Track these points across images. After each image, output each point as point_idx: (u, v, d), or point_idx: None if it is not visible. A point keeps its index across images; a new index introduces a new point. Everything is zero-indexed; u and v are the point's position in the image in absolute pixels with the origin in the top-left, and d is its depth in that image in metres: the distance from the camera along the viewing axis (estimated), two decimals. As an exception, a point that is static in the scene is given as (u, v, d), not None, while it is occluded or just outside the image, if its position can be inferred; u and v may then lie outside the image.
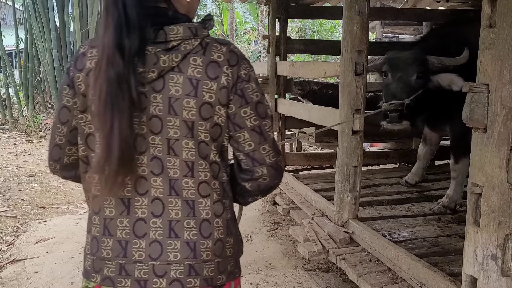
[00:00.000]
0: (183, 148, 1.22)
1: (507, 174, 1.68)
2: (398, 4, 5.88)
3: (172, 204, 1.23)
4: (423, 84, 3.29)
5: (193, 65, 1.20)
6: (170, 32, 1.17)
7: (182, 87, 1.19)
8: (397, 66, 3.36)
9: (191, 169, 1.23)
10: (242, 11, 20.04)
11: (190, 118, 1.21)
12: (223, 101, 1.22)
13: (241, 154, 1.31)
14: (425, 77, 3.30)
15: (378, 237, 2.98)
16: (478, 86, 1.75)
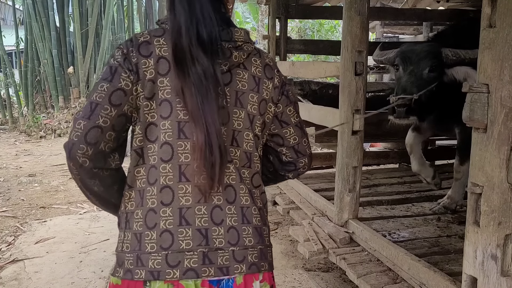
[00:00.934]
0: (244, 139, 1.32)
1: (507, 174, 1.68)
2: (398, 4, 5.88)
3: (242, 191, 1.30)
4: (436, 78, 3.17)
5: (255, 64, 1.35)
6: (235, 33, 1.29)
7: (248, 82, 1.33)
8: (409, 59, 3.24)
9: (249, 160, 1.33)
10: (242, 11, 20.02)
11: (252, 112, 1.33)
12: (275, 99, 1.39)
13: (284, 149, 1.46)
14: (439, 71, 3.18)
15: (378, 237, 2.98)
16: (478, 86, 1.75)
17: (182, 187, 1.24)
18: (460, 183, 3.56)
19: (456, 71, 3.09)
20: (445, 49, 3.15)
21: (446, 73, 3.17)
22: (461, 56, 3.11)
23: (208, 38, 1.22)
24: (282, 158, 1.48)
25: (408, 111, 3.09)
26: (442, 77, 3.17)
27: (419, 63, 3.18)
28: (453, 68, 3.11)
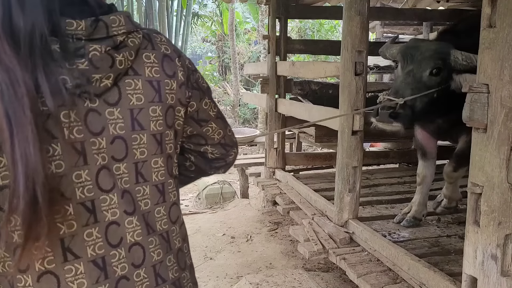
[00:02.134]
0: (153, 169, 1.00)
1: (507, 174, 1.68)
2: (398, 4, 5.88)
3: (152, 245, 1.00)
4: (440, 83, 2.74)
5: (149, 63, 0.99)
6: (112, 24, 0.90)
7: (144, 93, 0.96)
8: (411, 56, 2.84)
9: (162, 193, 1.02)
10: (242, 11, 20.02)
11: (158, 129, 0.99)
12: (183, 100, 1.06)
13: (209, 147, 1.21)
14: (444, 75, 2.75)
15: (378, 237, 2.98)
16: (478, 86, 1.75)
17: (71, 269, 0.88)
18: (455, 184, 3.44)
19: (465, 78, 2.64)
20: (455, 51, 2.71)
21: (454, 79, 2.73)
22: (474, 62, 2.57)
23: (28, 32, 0.78)
24: (208, 156, 1.22)
25: (392, 115, 2.67)
26: (449, 83, 2.75)
27: (420, 63, 2.79)
28: (461, 75, 2.68)
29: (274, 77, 4.80)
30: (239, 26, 17.35)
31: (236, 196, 5.91)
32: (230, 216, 5.09)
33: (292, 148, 6.90)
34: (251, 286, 3.32)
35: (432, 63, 2.76)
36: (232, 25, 14.09)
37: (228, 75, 16.92)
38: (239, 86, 14.18)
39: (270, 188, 4.62)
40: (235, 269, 3.70)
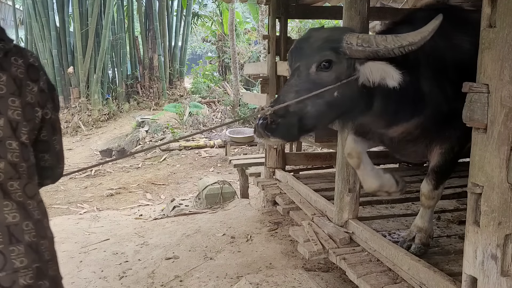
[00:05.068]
0: (8, 149, 1.20)
1: (507, 174, 1.68)
2: (398, 4, 5.88)
3: (8, 207, 1.19)
4: (336, 78, 2.17)
5: (16, 64, 1.23)
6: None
7: (6, 85, 1.20)
8: (299, 52, 2.29)
9: (17, 171, 1.23)
10: (242, 11, 20.01)
11: (15, 118, 1.21)
12: (42, 103, 1.30)
13: (48, 155, 1.42)
14: (340, 68, 2.18)
15: (378, 237, 2.98)
16: (478, 86, 1.75)
17: None
18: (432, 210, 2.84)
19: (369, 68, 2.13)
20: (351, 35, 2.18)
21: (359, 71, 2.17)
22: (373, 45, 2.09)
23: None
24: (41, 164, 1.41)
25: (267, 128, 2.10)
26: (354, 76, 2.19)
27: (307, 57, 2.22)
28: (364, 65, 2.15)
29: (274, 77, 4.80)
30: (239, 26, 17.34)
31: (236, 196, 5.91)
32: (230, 216, 5.10)
33: (292, 148, 6.90)
34: (251, 286, 3.32)
35: (318, 55, 2.18)
36: (232, 25, 14.09)
37: (228, 75, 16.91)
38: (239, 86, 14.18)
39: (270, 188, 4.62)
40: (235, 269, 3.70)
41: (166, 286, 3.48)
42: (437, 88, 2.40)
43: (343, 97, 2.18)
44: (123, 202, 6.57)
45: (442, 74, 2.40)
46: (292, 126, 2.14)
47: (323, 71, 2.17)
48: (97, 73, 13.11)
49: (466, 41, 2.45)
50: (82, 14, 12.98)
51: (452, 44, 2.47)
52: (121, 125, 12.94)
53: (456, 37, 2.49)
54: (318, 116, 2.19)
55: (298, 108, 2.12)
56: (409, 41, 2.05)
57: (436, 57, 2.39)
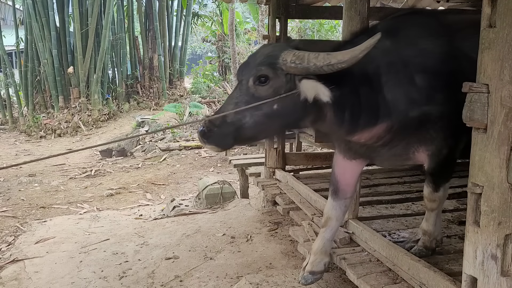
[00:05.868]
0: None
1: (507, 174, 1.68)
2: (398, 4, 5.88)
3: None
4: (274, 92, 2.27)
5: None
6: None
7: None
8: (245, 66, 2.43)
9: None
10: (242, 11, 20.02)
11: None
12: None
13: None
14: (278, 83, 2.28)
15: (378, 237, 2.98)
16: (478, 86, 1.75)
17: None
18: (438, 212, 2.83)
19: (304, 85, 2.22)
20: (288, 52, 2.27)
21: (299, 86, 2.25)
22: (304, 63, 2.19)
23: None
24: None
25: (203, 135, 2.29)
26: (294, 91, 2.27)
27: (249, 72, 2.35)
28: (301, 81, 2.23)
29: (274, 77, 4.79)
30: (239, 26, 17.34)
31: (236, 196, 5.91)
32: (230, 216, 5.10)
33: (292, 148, 6.90)
34: (251, 286, 3.32)
35: (254, 70, 2.31)
36: (232, 25, 14.09)
37: (228, 75, 16.92)
38: (239, 86, 14.15)
39: (270, 188, 4.62)
40: (235, 269, 3.70)
41: (166, 286, 3.48)
42: (400, 94, 2.41)
43: (284, 110, 2.29)
44: (123, 202, 6.57)
45: (406, 80, 2.41)
46: (225, 135, 2.29)
47: (260, 85, 2.28)
48: (97, 73, 13.11)
49: (435, 46, 2.46)
50: (82, 14, 12.98)
51: (419, 50, 2.47)
52: (121, 125, 12.95)
53: (423, 42, 2.49)
54: (256, 127, 2.31)
55: (236, 119, 2.26)
56: (338, 59, 2.13)
57: (397, 63, 2.42)
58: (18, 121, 13.92)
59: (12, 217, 5.39)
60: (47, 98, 13.65)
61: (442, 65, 2.38)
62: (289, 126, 2.51)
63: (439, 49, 2.44)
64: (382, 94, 2.39)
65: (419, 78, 2.40)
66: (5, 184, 7.09)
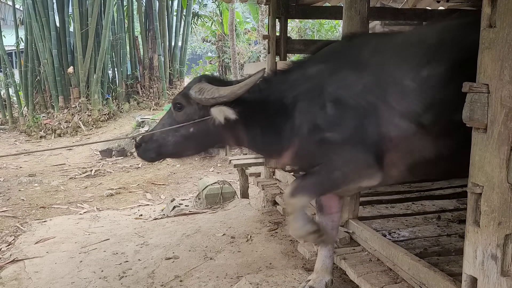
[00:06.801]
0: None
1: (507, 174, 1.68)
2: (398, 4, 5.89)
3: None
4: (188, 118, 2.65)
5: None
6: None
7: None
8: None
9: None
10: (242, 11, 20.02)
11: None
12: None
13: None
14: (191, 110, 2.65)
15: (378, 237, 2.98)
16: (478, 86, 1.75)
17: None
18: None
19: (213, 112, 2.51)
20: (198, 84, 2.61)
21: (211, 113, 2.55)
22: (201, 94, 2.54)
23: None
24: None
25: (136, 147, 2.80)
26: (208, 117, 2.57)
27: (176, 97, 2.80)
28: (211, 109, 2.53)
29: (274, 77, 4.79)
30: (239, 26, 17.34)
31: (236, 196, 5.91)
32: (230, 216, 5.10)
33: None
34: (251, 286, 3.32)
35: (174, 98, 2.78)
36: (232, 25, 14.08)
37: (228, 75, 16.91)
38: (239, 86, 14.14)
39: (270, 188, 4.62)
40: (235, 269, 3.70)
41: (166, 286, 3.48)
42: (307, 120, 2.53)
43: (201, 132, 2.66)
44: (123, 202, 6.57)
45: (316, 107, 2.52)
46: (150, 150, 2.75)
47: (177, 111, 2.70)
48: (97, 73, 13.11)
49: (351, 76, 2.49)
50: (82, 14, 12.98)
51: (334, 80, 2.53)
52: (121, 125, 12.94)
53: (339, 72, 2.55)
54: (177, 146, 2.72)
55: (161, 137, 2.71)
56: (219, 94, 2.49)
57: (312, 90, 2.53)
58: (18, 121, 13.92)
59: (12, 217, 5.39)
60: (47, 98, 13.65)
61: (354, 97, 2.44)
62: (210, 145, 2.84)
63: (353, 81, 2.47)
64: (293, 119, 2.56)
65: (329, 107, 2.48)
66: (5, 184, 7.09)
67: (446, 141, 2.29)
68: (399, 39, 2.59)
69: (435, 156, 2.37)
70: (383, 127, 2.33)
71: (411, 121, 2.29)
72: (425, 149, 2.35)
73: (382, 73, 2.38)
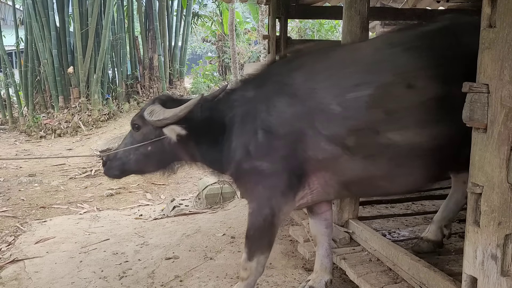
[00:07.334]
0: None
1: (507, 174, 1.68)
2: (398, 4, 5.89)
3: None
4: (144, 137, 2.84)
5: None
6: None
7: None
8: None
9: None
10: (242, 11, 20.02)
11: None
12: None
13: None
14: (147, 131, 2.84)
15: (378, 237, 2.98)
16: (478, 86, 1.75)
17: None
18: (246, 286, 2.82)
19: (166, 131, 2.71)
20: (150, 106, 2.80)
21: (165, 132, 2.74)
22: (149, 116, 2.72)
23: None
24: None
25: (103, 164, 3.03)
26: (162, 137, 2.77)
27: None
28: (163, 129, 2.72)
29: (274, 77, 4.79)
30: (239, 26, 17.34)
31: (236, 196, 5.91)
32: (230, 216, 5.09)
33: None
34: (251, 286, 3.32)
35: (131, 119, 2.95)
36: (232, 25, 14.09)
37: (228, 75, 16.92)
38: (239, 86, 14.15)
39: (270, 188, 4.61)
40: (235, 269, 3.69)
41: (166, 286, 3.48)
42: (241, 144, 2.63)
43: (158, 150, 2.84)
44: (123, 202, 6.57)
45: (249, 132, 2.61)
46: (113, 168, 2.97)
47: (135, 131, 2.89)
48: (97, 73, 13.10)
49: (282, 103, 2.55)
50: (82, 14, 12.97)
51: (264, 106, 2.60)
52: (121, 125, 12.93)
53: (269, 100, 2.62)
54: (138, 163, 2.91)
55: (123, 155, 2.91)
56: (164, 116, 2.67)
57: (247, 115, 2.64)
58: (18, 121, 13.92)
59: (12, 217, 5.39)
60: (47, 98, 13.64)
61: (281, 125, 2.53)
62: (169, 162, 2.98)
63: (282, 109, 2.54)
64: (231, 141, 2.68)
65: (261, 134, 2.56)
66: (5, 184, 7.09)
67: (376, 162, 2.38)
68: (336, 58, 2.64)
69: (368, 176, 2.46)
70: (310, 151, 2.43)
71: (336, 144, 2.38)
72: (354, 169, 2.44)
73: (311, 99, 2.46)
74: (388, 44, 2.49)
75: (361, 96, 2.33)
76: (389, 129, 2.29)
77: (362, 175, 2.45)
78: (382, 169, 2.40)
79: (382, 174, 2.42)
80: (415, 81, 2.26)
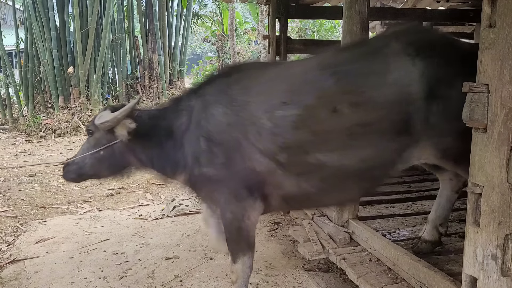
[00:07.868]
0: None
1: (507, 174, 1.68)
2: (398, 4, 5.89)
3: None
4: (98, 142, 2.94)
5: None
6: None
7: None
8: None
9: None
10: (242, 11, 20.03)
11: None
12: None
13: None
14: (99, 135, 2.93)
15: (378, 237, 2.98)
16: (478, 86, 1.75)
17: None
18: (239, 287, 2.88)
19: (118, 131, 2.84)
20: (101, 112, 2.93)
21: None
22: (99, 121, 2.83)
23: None
24: None
25: (63, 168, 3.13)
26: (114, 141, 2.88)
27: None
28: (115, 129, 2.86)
29: (274, 77, 4.79)
30: (239, 26, 17.34)
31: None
32: (230, 216, 5.09)
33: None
34: (251, 286, 3.32)
35: (86, 125, 3.08)
36: (232, 25, 14.09)
37: (228, 75, 16.88)
38: (239, 86, 14.15)
39: (270, 188, 4.61)
40: (235, 269, 3.69)
41: (166, 286, 3.48)
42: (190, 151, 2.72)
43: (109, 155, 2.93)
44: (123, 202, 6.56)
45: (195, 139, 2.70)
46: (71, 172, 3.05)
47: (90, 137, 3.01)
48: (97, 73, 13.10)
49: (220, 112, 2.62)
50: (82, 14, 12.97)
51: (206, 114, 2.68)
52: (121, 125, 12.92)
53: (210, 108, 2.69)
54: (93, 168, 2.99)
55: (80, 160, 3.00)
56: (105, 119, 2.78)
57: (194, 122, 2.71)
58: (18, 121, 13.91)
59: (12, 217, 5.39)
60: (47, 98, 13.63)
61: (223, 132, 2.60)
62: (121, 167, 3.04)
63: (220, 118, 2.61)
64: (181, 146, 2.76)
65: (202, 141, 2.64)
66: (5, 184, 7.09)
67: (309, 180, 2.45)
68: (271, 75, 2.68)
69: (303, 193, 2.53)
70: (249, 162, 2.49)
71: (270, 158, 2.44)
72: (289, 185, 2.51)
73: (245, 111, 2.52)
74: (320, 65, 2.52)
75: (289, 115, 2.40)
76: (317, 150, 2.36)
77: (298, 192, 2.53)
78: (315, 187, 2.47)
79: (316, 191, 2.50)
80: (340, 106, 2.31)
